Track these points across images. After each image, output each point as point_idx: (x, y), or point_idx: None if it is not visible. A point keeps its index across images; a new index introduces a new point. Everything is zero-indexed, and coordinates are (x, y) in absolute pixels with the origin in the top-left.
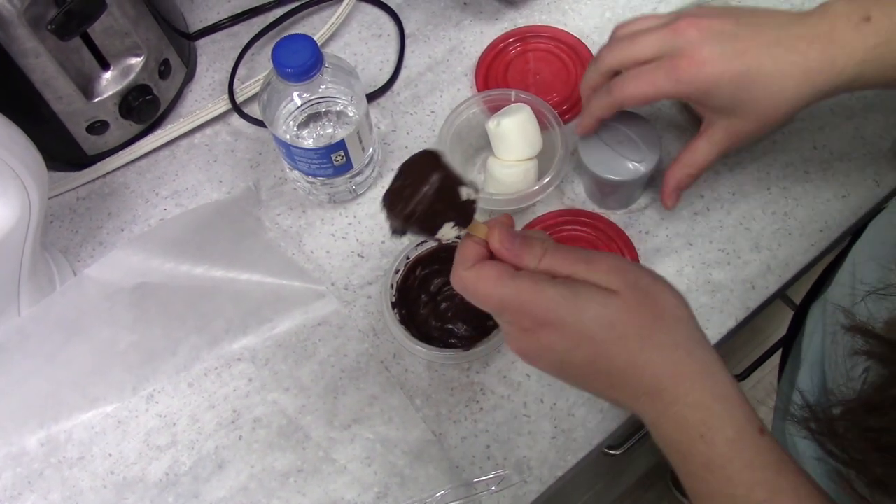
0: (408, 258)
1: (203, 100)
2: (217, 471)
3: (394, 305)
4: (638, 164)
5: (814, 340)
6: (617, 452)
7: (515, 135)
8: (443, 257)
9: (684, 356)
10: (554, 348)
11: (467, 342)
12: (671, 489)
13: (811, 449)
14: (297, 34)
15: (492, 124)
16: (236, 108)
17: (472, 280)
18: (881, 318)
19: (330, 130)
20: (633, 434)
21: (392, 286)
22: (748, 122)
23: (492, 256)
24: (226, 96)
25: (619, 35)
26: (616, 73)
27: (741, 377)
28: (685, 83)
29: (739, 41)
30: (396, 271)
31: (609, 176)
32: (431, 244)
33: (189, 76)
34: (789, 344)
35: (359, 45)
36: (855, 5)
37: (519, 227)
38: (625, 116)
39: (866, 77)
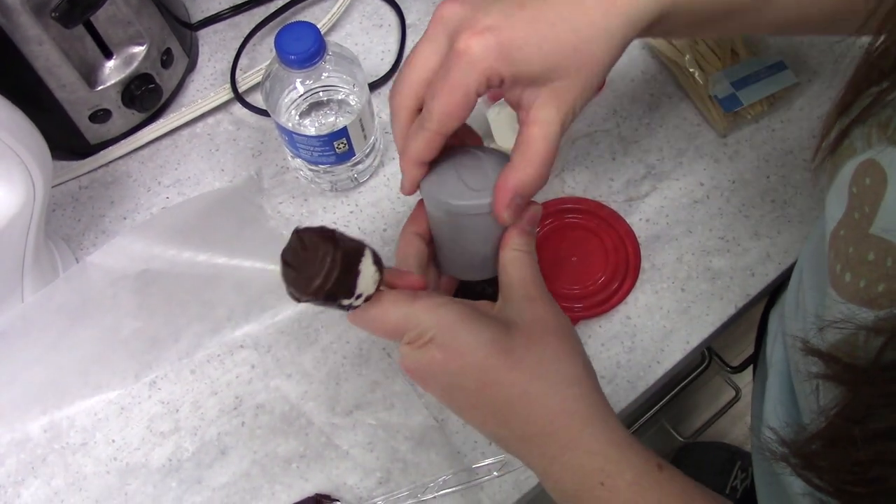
0: None
1: (205, 89)
2: (220, 457)
3: None
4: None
5: (776, 349)
6: None
7: (515, 123)
8: None
9: (578, 397)
10: (445, 370)
11: None
12: None
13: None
14: (300, 21)
15: (492, 113)
16: (238, 97)
17: (368, 308)
18: (829, 339)
19: (332, 119)
20: (636, 421)
21: None
22: (572, 80)
23: None
24: (228, 86)
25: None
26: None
27: (740, 369)
28: (482, 61)
29: None
30: None
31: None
32: None
33: (191, 66)
34: (758, 352)
35: (360, 35)
36: None
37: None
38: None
39: (667, 7)
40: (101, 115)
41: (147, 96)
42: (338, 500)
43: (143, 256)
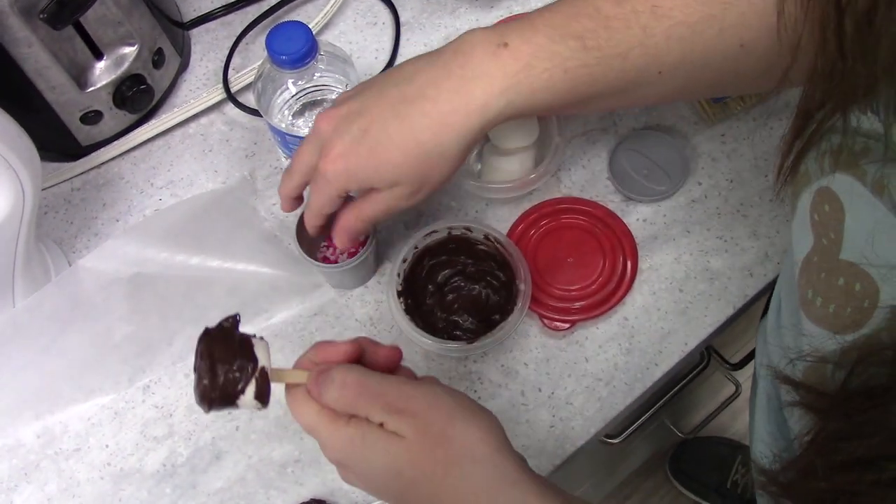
0: (416, 248)
1: (197, 89)
2: (214, 461)
3: (399, 294)
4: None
5: (762, 370)
6: (615, 441)
7: (512, 122)
8: (451, 248)
9: (487, 501)
10: (361, 487)
11: (472, 335)
12: (669, 479)
13: None
14: (291, 21)
15: None
16: (231, 97)
17: (288, 400)
18: (800, 367)
19: None
20: (633, 422)
21: (399, 275)
22: (409, 186)
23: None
24: (220, 86)
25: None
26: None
27: (739, 365)
28: (334, 182)
29: (364, 116)
30: (404, 260)
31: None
32: (442, 234)
33: (183, 66)
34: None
35: (354, 33)
36: (491, 33)
37: (515, 216)
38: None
39: (518, 104)
40: (92, 117)
41: (138, 97)
42: None
43: (136, 259)
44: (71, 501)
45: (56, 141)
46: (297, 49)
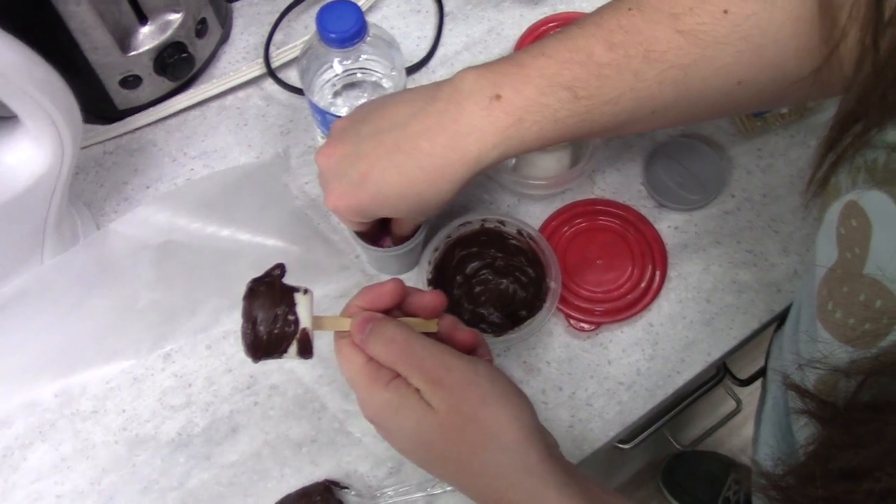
0: (448, 237)
1: (237, 62)
2: (230, 434)
3: (429, 283)
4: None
5: (774, 379)
6: (626, 447)
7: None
8: (483, 241)
9: (507, 487)
10: (393, 445)
11: (497, 328)
12: (662, 490)
13: None
14: (342, 0)
15: None
16: (271, 72)
17: (336, 349)
18: (811, 376)
19: (364, 98)
20: (644, 429)
21: (430, 263)
22: (410, 216)
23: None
24: (260, 60)
25: None
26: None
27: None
28: (345, 217)
29: (362, 161)
30: (436, 249)
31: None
32: (475, 226)
33: (224, 37)
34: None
35: (397, 18)
36: (484, 81)
37: (547, 214)
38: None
39: (511, 152)
40: (131, 81)
41: (179, 65)
42: (347, 488)
43: (166, 227)
44: (85, 463)
45: (93, 102)
46: (347, 28)
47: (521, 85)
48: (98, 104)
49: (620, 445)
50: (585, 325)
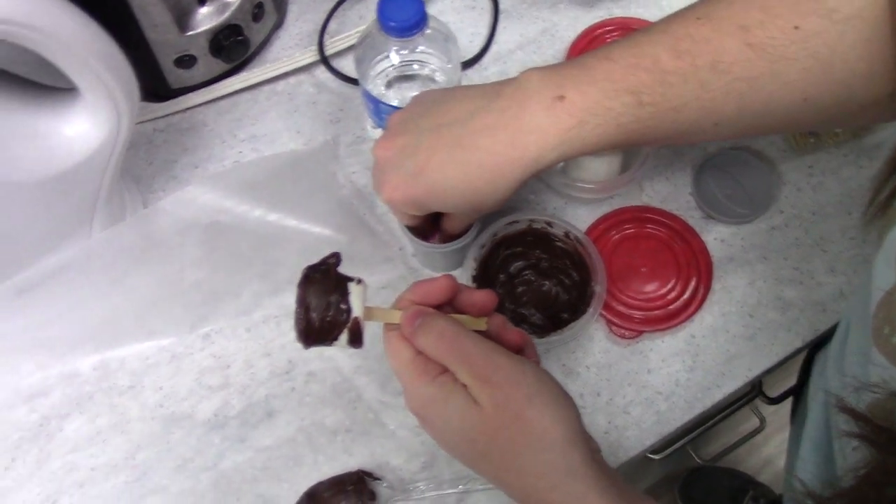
0: (495, 235)
1: (290, 48)
2: (266, 419)
3: (473, 279)
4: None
5: (816, 400)
6: (657, 457)
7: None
8: (529, 241)
9: (548, 487)
10: (436, 440)
11: (539, 330)
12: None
13: None
14: None
15: None
16: (324, 60)
17: (385, 340)
18: (866, 400)
19: (416, 92)
20: (677, 440)
21: (475, 260)
22: (462, 213)
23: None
24: (314, 47)
25: None
26: None
27: (777, 400)
28: (400, 208)
29: (420, 153)
30: (482, 246)
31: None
32: (522, 225)
33: (279, 23)
34: (800, 391)
35: (451, 13)
36: (549, 82)
37: (593, 218)
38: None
39: (570, 154)
40: (186, 61)
41: (234, 47)
42: (380, 479)
43: (215, 208)
44: (120, 437)
45: (147, 80)
46: (407, 18)
47: (585, 87)
48: (152, 82)
49: (651, 456)
50: (627, 332)
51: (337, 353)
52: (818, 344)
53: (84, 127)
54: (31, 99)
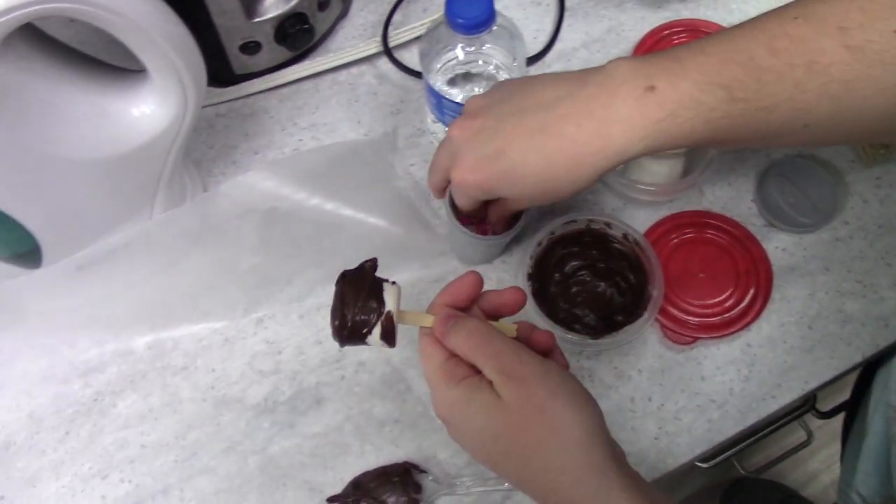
0: (552, 234)
1: (353, 39)
2: (315, 406)
3: (528, 277)
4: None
5: (877, 415)
6: (705, 465)
7: (656, 161)
8: (587, 241)
9: (571, 483)
10: (462, 444)
11: (592, 331)
12: None
13: None
14: None
15: None
16: (388, 52)
17: (419, 343)
18: None
19: (478, 90)
20: (727, 450)
21: (531, 258)
22: (534, 201)
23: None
24: (377, 38)
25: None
26: None
27: (829, 415)
28: (468, 192)
29: (500, 136)
30: (539, 244)
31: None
32: (580, 225)
33: (343, 13)
34: (855, 406)
35: (517, 9)
36: (639, 72)
37: (652, 221)
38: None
39: (655, 148)
40: (251, 47)
41: (299, 36)
42: (426, 472)
43: (273, 194)
44: (171, 417)
45: (212, 65)
46: (476, 15)
47: (677, 79)
48: (216, 67)
49: (700, 464)
50: (681, 338)
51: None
52: (875, 360)
53: (151, 109)
54: (101, 79)
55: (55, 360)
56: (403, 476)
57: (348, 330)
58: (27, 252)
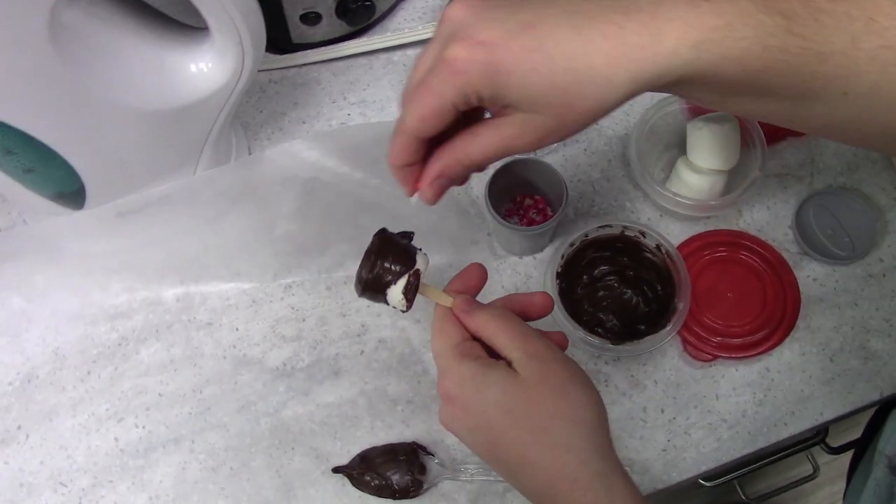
0: (586, 236)
1: (412, 20)
2: (332, 376)
3: (557, 276)
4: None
5: (884, 457)
6: (708, 484)
7: (716, 143)
8: (619, 247)
9: (575, 463)
10: (464, 426)
11: (613, 336)
12: None
13: None
14: None
15: (695, 126)
16: None
17: (434, 318)
18: None
19: None
20: (731, 472)
21: (562, 257)
22: (547, 118)
23: None
24: (436, 23)
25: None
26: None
27: (838, 451)
28: (462, 75)
29: (526, 10)
30: (571, 244)
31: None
32: (615, 230)
33: None
34: (864, 446)
35: None
36: None
37: (686, 235)
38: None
39: (703, 69)
40: (311, 18)
41: (360, 12)
42: (432, 455)
43: (316, 165)
44: (191, 370)
45: (271, 31)
46: None
47: None
48: (275, 34)
49: (703, 482)
50: (701, 355)
51: (410, 325)
52: (890, 402)
53: (209, 67)
54: (164, 33)
55: (86, 302)
56: (410, 456)
57: (374, 276)
58: (71, 193)
